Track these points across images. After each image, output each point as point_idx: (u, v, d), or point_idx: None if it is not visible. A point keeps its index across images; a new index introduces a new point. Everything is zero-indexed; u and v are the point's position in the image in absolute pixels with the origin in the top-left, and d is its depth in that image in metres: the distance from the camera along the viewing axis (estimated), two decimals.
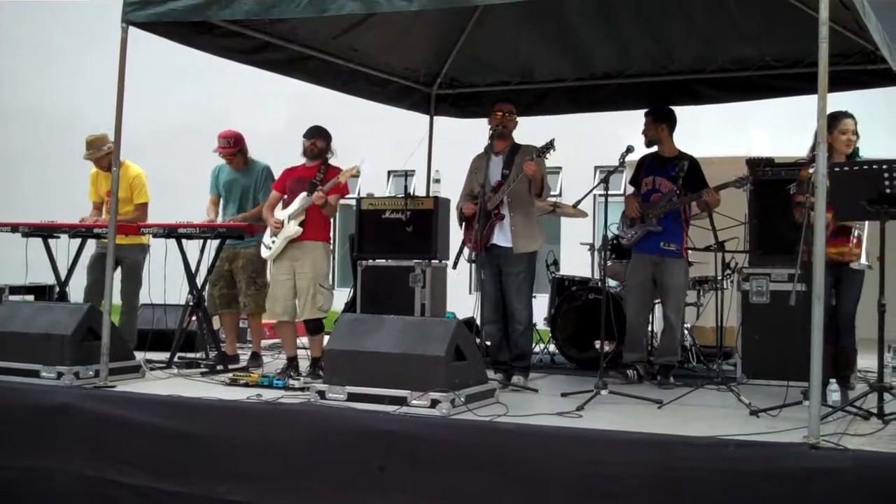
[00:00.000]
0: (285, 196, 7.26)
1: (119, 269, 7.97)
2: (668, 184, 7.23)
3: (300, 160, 7.40)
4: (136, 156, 8.22)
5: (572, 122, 10.29)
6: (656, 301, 7.64)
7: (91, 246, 8.25)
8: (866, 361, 6.82)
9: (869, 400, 5.44)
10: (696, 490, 4.60)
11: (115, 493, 5.73)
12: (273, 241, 7.16)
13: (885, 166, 5.26)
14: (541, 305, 8.82)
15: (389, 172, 18.16)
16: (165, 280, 7.58)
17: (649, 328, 7.85)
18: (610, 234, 7.27)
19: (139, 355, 7.11)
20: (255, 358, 7.86)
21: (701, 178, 7.25)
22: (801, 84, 7.88)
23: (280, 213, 7.18)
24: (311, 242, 7.13)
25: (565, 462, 4.87)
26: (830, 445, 4.53)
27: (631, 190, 7.61)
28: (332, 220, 7.46)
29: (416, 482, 5.08)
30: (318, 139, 7.26)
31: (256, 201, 7.70)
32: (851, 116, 6.08)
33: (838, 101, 6.18)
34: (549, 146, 6.71)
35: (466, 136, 8.19)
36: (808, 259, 5.14)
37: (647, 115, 7.46)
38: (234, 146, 7.76)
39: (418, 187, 10.34)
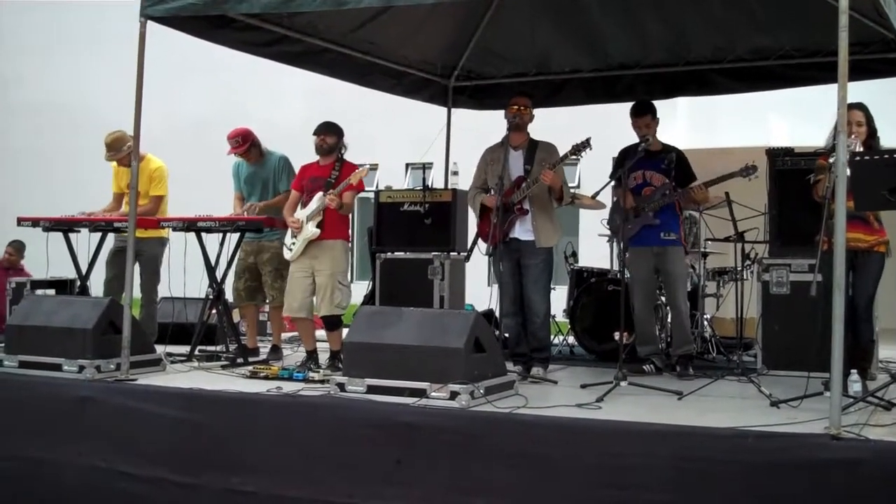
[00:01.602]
0: (304, 195, 7.25)
1: (138, 263, 8.02)
2: (660, 177, 7.17)
3: (315, 156, 7.39)
4: (152, 150, 8.26)
5: (590, 114, 10.28)
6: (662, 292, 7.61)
7: (111, 240, 8.29)
8: (888, 352, 6.79)
9: (891, 391, 5.43)
10: (716, 481, 4.59)
11: (126, 484, 5.78)
12: (293, 243, 7.17)
13: None
14: (560, 297, 8.81)
15: (408, 165, 18.18)
16: (185, 273, 7.61)
17: (664, 319, 7.83)
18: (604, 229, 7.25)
19: (160, 349, 7.13)
20: (275, 351, 7.89)
21: (689, 171, 7.21)
22: (821, 73, 7.84)
23: (298, 213, 7.19)
24: (330, 241, 7.12)
25: (585, 453, 4.87)
26: (852, 436, 4.51)
27: (612, 184, 7.50)
28: (350, 217, 7.46)
29: (432, 474, 5.10)
30: (327, 135, 7.22)
31: (277, 192, 7.72)
32: (859, 107, 5.99)
33: (856, 90, 6.15)
34: (585, 144, 6.64)
35: (484, 128, 8.18)
36: (827, 248, 5.13)
37: (645, 114, 7.26)
38: (243, 143, 7.76)
39: (436, 180, 10.35)
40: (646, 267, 7.24)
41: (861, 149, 5.76)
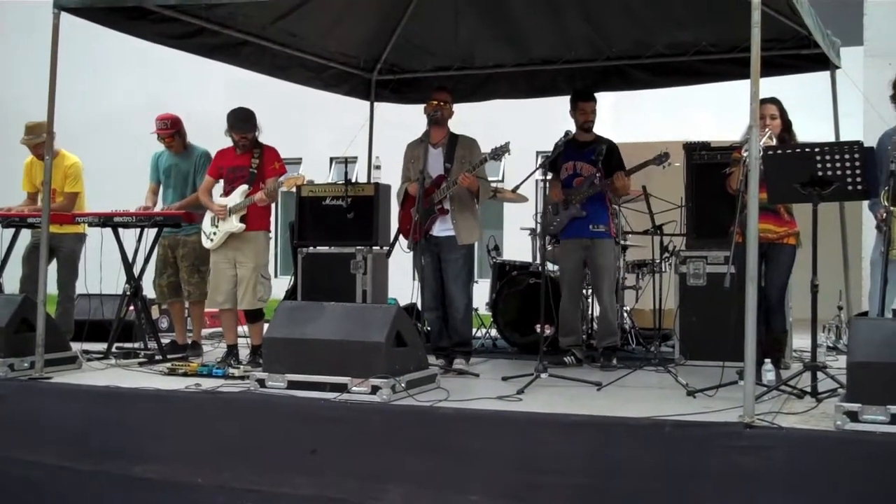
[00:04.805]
0: (222, 182, 7.16)
1: (55, 259, 7.86)
2: (590, 167, 7.24)
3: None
4: (71, 143, 8.09)
5: (514, 108, 10.34)
6: (588, 284, 7.68)
7: (26, 236, 8.10)
8: (801, 341, 6.93)
9: (803, 379, 5.54)
10: (633, 470, 4.66)
11: (22, 471, 5.75)
12: (214, 233, 7.07)
13: (817, 150, 5.36)
14: (483, 290, 8.85)
15: (332, 159, 18.08)
16: (101, 269, 7.47)
17: (588, 311, 7.91)
18: (533, 223, 7.23)
19: (76, 346, 7.00)
20: (196, 347, 7.79)
21: (619, 162, 7.28)
22: (737, 69, 7.93)
23: (222, 202, 7.09)
24: (253, 233, 7.05)
25: (504, 443, 4.91)
26: (765, 424, 4.61)
27: (549, 176, 7.57)
28: (271, 207, 7.38)
29: (347, 463, 5.11)
30: (249, 132, 7.07)
31: (196, 186, 7.60)
32: (773, 101, 6.12)
33: (773, 85, 6.27)
34: (504, 150, 6.69)
35: (410, 122, 8.16)
36: (741, 241, 5.21)
37: (592, 99, 7.38)
38: (171, 128, 7.65)
39: (360, 174, 10.31)
40: (574, 259, 7.29)
41: (775, 142, 5.88)
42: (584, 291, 7.80)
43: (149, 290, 7.74)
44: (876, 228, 5.99)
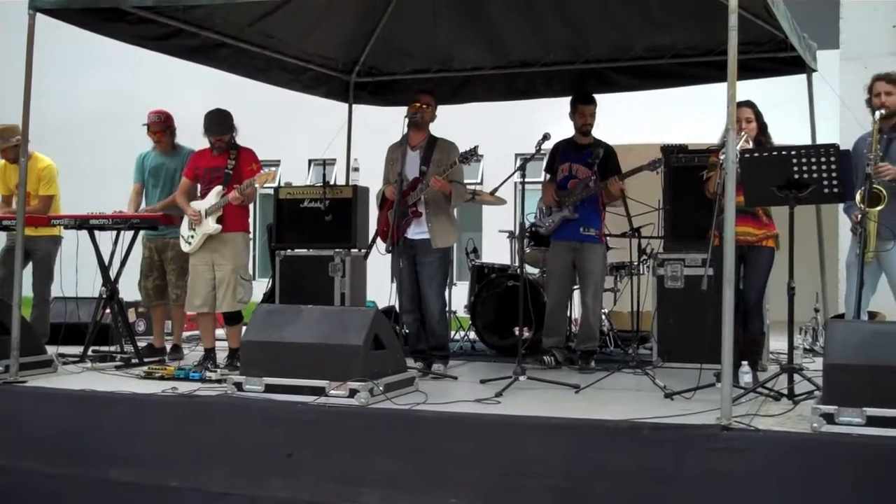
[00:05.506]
0: (198, 183, 7.13)
1: (30, 262, 7.80)
2: (585, 170, 7.27)
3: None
4: (46, 145, 8.02)
5: (492, 111, 10.32)
6: (575, 287, 7.69)
7: (1, 239, 8.04)
8: (778, 343, 6.96)
9: (780, 381, 5.56)
10: (611, 472, 4.67)
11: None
12: (192, 236, 7.03)
13: (794, 153, 5.39)
14: (461, 293, 8.84)
15: (310, 161, 18.03)
16: (77, 272, 7.41)
17: (569, 314, 7.91)
18: (527, 223, 7.28)
19: (52, 349, 6.94)
20: (177, 350, 7.77)
21: (615, 166, 7.30)
22: (715, 72, 7.94)
23: (197, 204, 7.05)
24: (231, 234, 7.02)
25: (483, 446, 4.91)
26: (742, 426, 4.63)
27: (546, 177, 7.64)
28: (250, 208, 7.35)
29: (323, 467, 5.10)
30: (224, 134, 7.05)
31: None
32: (748, 105, 6.14)
33: (750, 88, 6.29)
34: (473, 154, 6.69)
35: (390, 124, 8.13)
36: (718, 243, 5.23)
37: (593, 103, 7.43)
38: (164, 122, 7.68)
39: (339, 176, 10.28)
40: (563, 261, 7.31)
41: (751, 145, 5.90)
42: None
43: (125, 293, 7.68)
44: (851, 231, 6.03)
